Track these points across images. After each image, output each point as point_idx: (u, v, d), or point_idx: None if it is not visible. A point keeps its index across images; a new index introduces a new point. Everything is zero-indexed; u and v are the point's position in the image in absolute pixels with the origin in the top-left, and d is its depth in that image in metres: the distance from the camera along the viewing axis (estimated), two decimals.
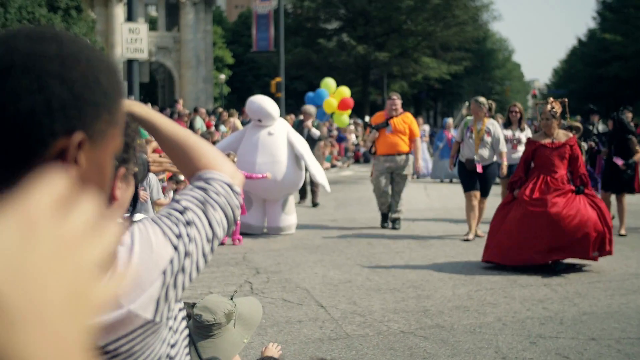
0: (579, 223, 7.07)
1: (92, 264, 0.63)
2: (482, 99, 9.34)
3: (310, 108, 13.12)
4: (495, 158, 9.22)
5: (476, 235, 9.18)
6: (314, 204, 12.69)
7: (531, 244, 7.13)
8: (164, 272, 1.12)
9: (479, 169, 9.06)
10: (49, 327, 0.59)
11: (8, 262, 0.58)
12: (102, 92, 0.87)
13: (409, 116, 10.12)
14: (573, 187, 7.35)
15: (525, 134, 10.25)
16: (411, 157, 10.03)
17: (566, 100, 7.76)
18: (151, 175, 6.63)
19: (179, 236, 1.15)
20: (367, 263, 7.67)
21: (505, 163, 9.17)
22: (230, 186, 1.29)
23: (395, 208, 10.06)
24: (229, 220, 1.27)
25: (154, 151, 7.71)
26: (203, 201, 1.23)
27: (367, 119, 9.93)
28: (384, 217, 10.19)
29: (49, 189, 0.63)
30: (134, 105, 1.38)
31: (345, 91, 15.82)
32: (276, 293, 6.36)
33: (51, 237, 0.62)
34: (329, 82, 16.28)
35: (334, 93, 15.82)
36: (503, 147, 9.18)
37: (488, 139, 9.08)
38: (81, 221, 0.64)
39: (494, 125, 9.21)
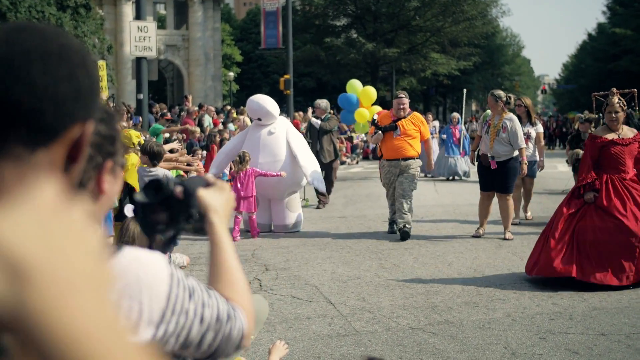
0: None
1: (97, 248, 0.73)
2: (498, 92, 8.84)
3: (322, 102, 12.80)
4: (515, 153, 8.71)
5: (505, 238, 8.67)
6: (318, 206, 12.03)
7: (619, 262, 6.21)
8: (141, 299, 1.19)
9: (493, 165, 8.66)
10: (78, 293, 0.66)
11: (33, 238, 0.66)
12: (98, 85, 0.93)
13: (418, 116, 9.40)
14: None
15: (536, 129, 10.14)
16: (419, 161, 9.27)
17: (635, 90, 7.15)
18: (164, 171, 6.71)
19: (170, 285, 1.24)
20: (376, 259, 7.67)
21: (525, 161, 8.74)
22: (242, 338, 1.34)
23: (401, 212, 8.84)
24: (212, 353, 1.31)
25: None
26: (217, 318, 1.29)
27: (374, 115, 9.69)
28: (392, 224, 9.34)
29: (50, 189, 0.69)
30: (216, 216, 1.44)
31: (372, 91, 14.69)
32: (285, 290, 6.37)
33: (63, 222, 0.70)
34: (354, 85, 14.52)
35: (360, 93, 14.82)
36: (522, 143, 8.66)
37: (504, 134, 8.60)
38: (79, 216, 0.70)
39: (512, 120, 8.72)
